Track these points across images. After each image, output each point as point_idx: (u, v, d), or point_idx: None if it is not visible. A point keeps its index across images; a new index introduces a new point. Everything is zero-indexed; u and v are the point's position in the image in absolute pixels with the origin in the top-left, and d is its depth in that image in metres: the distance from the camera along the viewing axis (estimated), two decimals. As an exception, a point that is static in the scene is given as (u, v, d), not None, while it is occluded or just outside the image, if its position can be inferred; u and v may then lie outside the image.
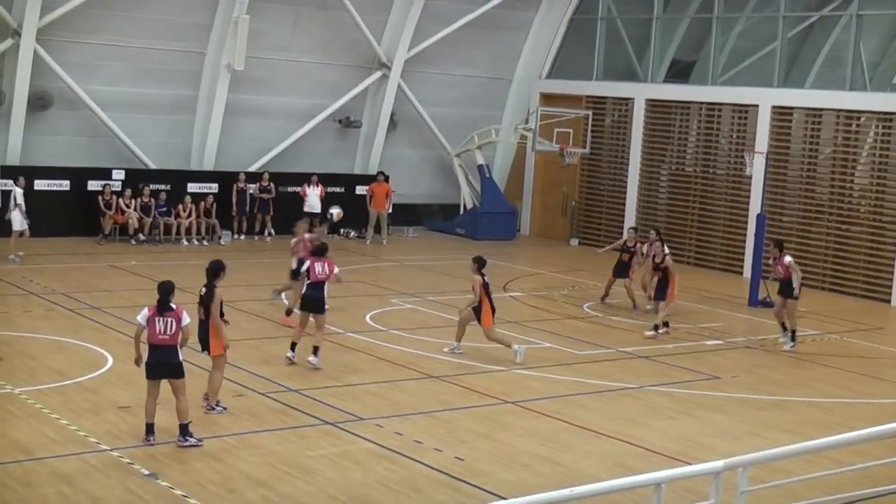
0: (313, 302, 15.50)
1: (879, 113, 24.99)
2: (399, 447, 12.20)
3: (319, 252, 15.88)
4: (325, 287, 15.73)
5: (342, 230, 29.40)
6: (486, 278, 16.46)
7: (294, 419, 13.07)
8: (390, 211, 29.25)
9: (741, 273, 26.44)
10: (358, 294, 21.40)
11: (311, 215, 28.54)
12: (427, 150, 31.94)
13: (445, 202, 32.06)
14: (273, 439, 12.30)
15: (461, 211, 31.55)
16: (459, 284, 21.88)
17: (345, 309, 19.58)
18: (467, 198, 31.51)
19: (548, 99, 31.37)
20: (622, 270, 21.53)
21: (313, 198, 28.48)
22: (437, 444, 12.36)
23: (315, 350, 15.35)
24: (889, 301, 24.18)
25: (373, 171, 30.16)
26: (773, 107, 26.54)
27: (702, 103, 28.52)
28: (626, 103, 30.20)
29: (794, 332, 18.64)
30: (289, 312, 18.02)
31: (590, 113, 29.91)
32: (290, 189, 28.79)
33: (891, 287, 24.35)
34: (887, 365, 18.34)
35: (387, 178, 29.27)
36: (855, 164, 25.79)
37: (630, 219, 29.49)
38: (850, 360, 18.20)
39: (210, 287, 12.78)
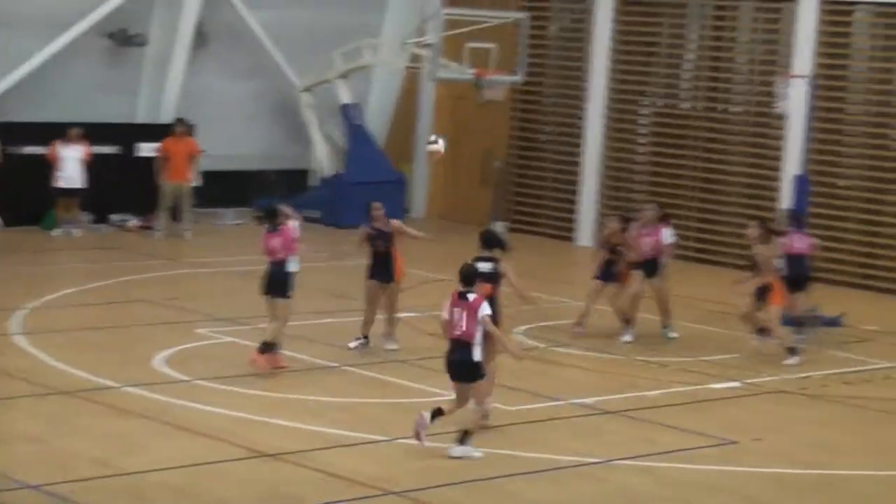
0: (450, 365, 15.61)
1: None
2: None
3: (466, 280, 15.75)
4: (474, 346, 15.34)
5: (111, 216, 29.11)
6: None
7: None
8: (197, 184, 29.15)
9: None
10: (142, 322, 21.30)
11: (69, 192, 28.22)
12: (257, 81, 31.93)
13: (288, 167, 32.16)
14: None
15: (315, 181, 31.66)
16: (314, 302, 21.82)
17: (120, 348, 19.43)
18: (324, 159, 31.53)
19: (455, -4, 31.43)
20: (608, 272, 21.47)
21: (72, 164, 28.07)
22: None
23: (463, 436, 15.30)
24: None
25: (167, 117, 30.01)
26: (821, 0, 26.83)
27: (704, -3, 28.85)
28: (582, 1, 30.39)
29: None
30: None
31: (525, 17, 29.95)
32: (26, 150, 28.51)
33: None
34: None
35: (190, 130, 29.15)
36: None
37: (591, 185, 29.69)
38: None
39: None
